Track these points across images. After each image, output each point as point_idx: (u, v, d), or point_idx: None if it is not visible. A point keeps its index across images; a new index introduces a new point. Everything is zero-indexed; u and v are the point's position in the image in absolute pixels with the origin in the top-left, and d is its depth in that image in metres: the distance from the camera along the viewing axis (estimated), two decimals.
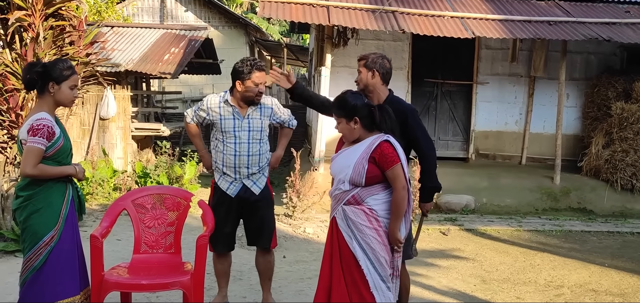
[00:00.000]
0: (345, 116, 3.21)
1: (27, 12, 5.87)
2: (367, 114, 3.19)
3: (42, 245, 3.20)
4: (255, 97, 3.88)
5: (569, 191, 9.16)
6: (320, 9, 8.77)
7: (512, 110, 10.51)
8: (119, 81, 10.68)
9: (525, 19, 9.25)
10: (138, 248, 3.85)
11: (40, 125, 3.08)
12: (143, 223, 3.88)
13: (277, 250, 6.20)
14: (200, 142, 4.12)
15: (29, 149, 3.08)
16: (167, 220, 3.92)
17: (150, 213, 3.91)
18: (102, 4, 13.99)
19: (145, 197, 3.92)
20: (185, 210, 3.95)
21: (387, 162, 3.11)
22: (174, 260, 3.84)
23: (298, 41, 25.89)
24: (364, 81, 3.73)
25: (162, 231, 3.90)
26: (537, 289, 5.23)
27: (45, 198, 3.22)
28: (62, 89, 3.18)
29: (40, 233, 3.19)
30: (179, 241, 3.93)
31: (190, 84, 16.84)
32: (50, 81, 3.16)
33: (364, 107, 3.20)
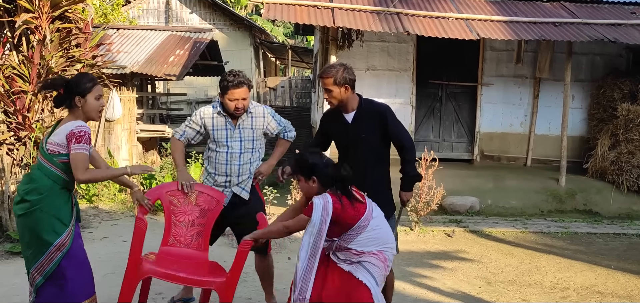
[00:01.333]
0: (304, 174, 3.31)
1: (34, 14, 5.91)
2: (325, 174, 3.27)
3: (52, 250, 3.25)
4: (234, 112, 3.92)
5: (574, 193, 9.13)
6: (325, 11, 8.78)
7: (517, 112, 10.49)
8: (124, 82, 10.72)
9: (531, 21, 9.23)
10: (166, 240, 3.86)
11: (82, 132, 3.22)
12: (174, 216, 3.88)
13: (282, 252, 6.23)
14: (181, 159, 4.06)
15: (77, 156, 3.19)
16: (197, 217, 3.91)
17: (182, 207, 3.91)
18: (108, 7, 14.05)
19: (179, 191, 3.91)
20: (217, 210, 3.96)
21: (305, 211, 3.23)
22: (201, 257, 3.86)
23: (302, 42, 25.91)
24: (338, 98, 3.77)
25: (192, 227, 3.90)
26: (542, 291, 5.22)
27: (53, 203, 3.26)
28: (88, 100, 3.30)
29: (50, 240, 3.24)
30: (207, 240, 3.94)
31: (195, 86, 16.88)
32: (76, 96, 3.29)
33: (323, 167, 3.29)
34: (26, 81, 5.99)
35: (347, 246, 3.28)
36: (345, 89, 3.74)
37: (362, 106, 3.85)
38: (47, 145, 3.29)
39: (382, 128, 3.84)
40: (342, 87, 3.73)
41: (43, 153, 3.31)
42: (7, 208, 5.94)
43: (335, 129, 3.95)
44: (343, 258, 3.30)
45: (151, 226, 4.10)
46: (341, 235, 3.28)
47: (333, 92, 3.75)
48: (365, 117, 3.82)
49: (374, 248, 3.27)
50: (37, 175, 3.30)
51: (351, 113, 3.85)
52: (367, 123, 3.80)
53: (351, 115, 3.85)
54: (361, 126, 3.81)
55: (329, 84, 3.74)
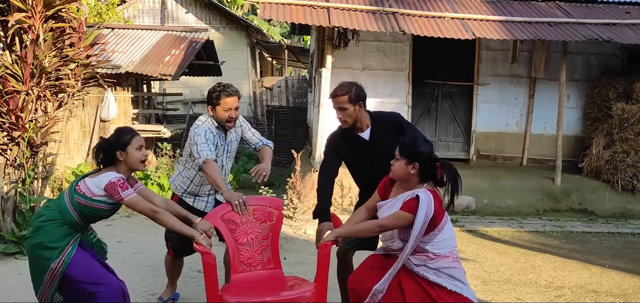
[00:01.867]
0: (407, 156, 3.10)
1: (27, 14, 5.86)
2: (429, 166, 3.11)
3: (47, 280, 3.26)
4: (226, 124, 3.89)
5: (569, 192, 9.14)
6: (320, 11, 8.77)
7: (513, 111, 10.50)
8: (119, 82, 10.69)
9: (526, 20, 9.25)
10: (235, 269, 3.58)
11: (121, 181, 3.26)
12: (236, 240, 3.63)
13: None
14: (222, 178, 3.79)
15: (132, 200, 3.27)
16: (260, 233, 3.67)
17: (242, 228, 3.65)
18: (102, 6, 14.00)
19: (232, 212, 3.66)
20: (279, 220, 3.73)
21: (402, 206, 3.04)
22: (277, 275, 3.61)
23: (299, 42, 25.89)
24: (353, 117, 3.63)
25: (258, 246, 3.65)
26: (537, 290, 5.22)
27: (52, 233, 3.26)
28: (129, 152, 3.35)
29: (44, 266, 3.26)
30: (277, 254, 3.70)
31: (191, 86, 16.83)
32: (117, 150, 3.35)
33: (429, 159, 3.11)
34: (19, 81, 5.95)
35: (424, 247, 3.08)
36: (359, 106, 3.62)
37: (377, 121, 3.73)
38: (79, 182, 3.33)
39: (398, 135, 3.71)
40: (357, 104, 3.60)
41: (70, 187, 3.35)
42: (0, 209, 5.90)
43: (351, 151, 3.74)
44: (417, 262, 3.08)
45: (138, 223, 4.06)
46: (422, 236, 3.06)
47: (348, 110, 3.60)
48: (382, 131, 3.69)
49: (446, 250, 3.11)
50: (52, 203, 3.37)
51: (366, 130, 3.71)
52: (385, 136, 3.66)
53: (367, 132, 3.71)
54: (381, 140, 3.66)
55: (344, 102, 3.59)
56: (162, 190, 8.29)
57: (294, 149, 9.05)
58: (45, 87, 6.20)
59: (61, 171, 8.81)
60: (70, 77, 6.45)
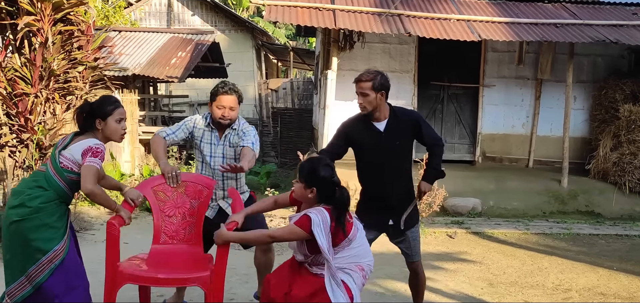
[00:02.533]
0: (304, 181, 3.12)
1: (36, 17, 5.92)
2: (328, 189, 3.09)
3: (45, 261, 3.17)
4: (219, 120, 3.83)
5: (576, 194, 9.11)
6: (326, 13, 8.79)
7: (519, 113, 10.48)
8: (126, 85, 10.74)
9: (532, 22, 9.23)
10: (157, 239, 3.67)
11: (99, 149, 3.24)
12: (163, 212, 3.69)
13: (283, 253, 6.22)
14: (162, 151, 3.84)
15: (89, 167, 3.20)
16: (188, 209, 3.73)
17: (171, 201, 3.72)
18: (110, 9, 14.08)
19: (166, 185, 3.74)
20: (207, 198, 3.79)
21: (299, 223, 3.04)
22: (196, 251, 3.66)
23: (304, 44, 25.92)
24: (374, 103, 3.64)
25: (184, 221, 3.72)
26: (544, 293, 5.21)
27: (52, 213, 3.22)
28: (108, 123, 3.32)
29: (45, 247, 3.17)
30: (200, 231, 3.75)
31: (197, 88, 16.89)
32: (97, 118, 3.31)
33: (328, 185, 3.09)
34: (28, 84, 6.00)
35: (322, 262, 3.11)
36: (381, 95, 3.64)
37: (396, 115, 3.74)
38: (60, 158, 3.26)
39: (415, 136, 3.80)
40: (379, 93, 3.62)
41: (54, 165, 3.27)
42: None
43: (365, 139, 3.76)
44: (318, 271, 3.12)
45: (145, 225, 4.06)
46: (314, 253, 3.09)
47: (369, 96, 3.62)
48: (398, 126, 3.71)
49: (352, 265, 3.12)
50: (43, 183, 3.24)
51: (383, 122, 3.72)
52: (400, 132, 3.70)
53: (383, 124, 3.72)
54: (395, 135, 3.69)
55: (367, 88, 3.61)
56: None
57: (299, 151, 9.08)
58: (54, 90, 6.25)
59: None
60: (79, 79, 6.51)
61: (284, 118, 15.71)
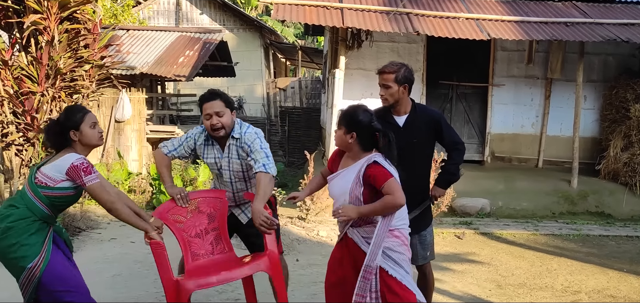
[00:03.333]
0: (344, 125, 3.10)
1: (43, 15, 5.94)
2: (368, 134, 3.07)
3: (24, 280, 3.12)
4: (211, 131, 3.58)
5: (586, 195, 9.01)
6: (334, 11, 8.75)
7: (529, 112, 10.38)
8: (134, 83, 10.76)
9: (542, 21, 9.13)
10: (188, 260, 3.57)
11: (85, 163, 3.12)
12: (185, 233, 3.62)
13: (290, 253, 6.19)
14: (168, 174, 3.71)
15: (94, 186, 3.12)
16: (208, 223, 3.67)
17: (189, 221, 3.66)
18: (118, 8, 14.13)
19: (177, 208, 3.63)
20: (224, 206, 3.70)
21: (379, 180, 2.99)
22: (232, 257, 3.61)
23: (312, 43, 25.90)
24: (396, 96, 3.57)
25: (207, 235, 3.66)
26: (554, 294, 5.14)
27: (24, 231, 3.12)
28: (83, 131, 3.19)
29: (20, 266, 3.10)
30: (227, 240, 3.69)
31: (205, 87, 16.71)
32: (70, 130, 3.18)
33: (367, 127, 3.07)
34: (35, 82, 6.02)
35: (371, 218, 3.05)
36: (403, 88, 3.56)
37: (416, 111, 3.66)
38: (36, 174, 3.16)
39: (435, 135, 3.71)
40: (402, 86, 3.55)
41: (30, 182, 3.17)
42: None
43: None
44: (364, 235, 3.07)
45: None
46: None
47: (391, 89, 3.55)
48: (418, 122, 3.63)
49: (395, 223, 3.05)
50: (16, 202, 3.17)
51: (403, 116, 3.64)
52: (420, 128, 3.60)
53: (403, 118, 3.64)
54: (414, 131, 3.60)
55: (389, 80, 3.55)
56: None
57: (307, 151, 9.04)
58: (60, 89, 6.26)
59: None
60: (85, 78, 6.52)
61: (292, 117, 15.70)
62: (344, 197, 3.09)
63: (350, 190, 3.05)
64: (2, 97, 5.95)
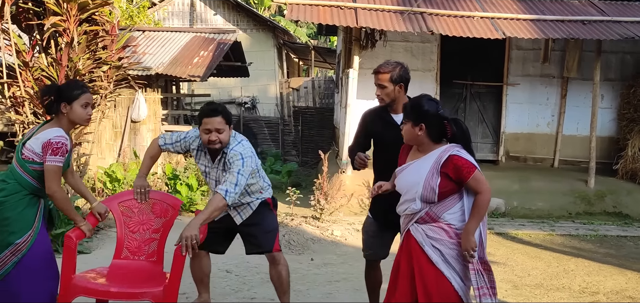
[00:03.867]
0: (412, 118, 3.02)
1: (62, 17, 6.03)
2: (437, 124, 3.00)
3: (7, 254, 3.15)
4: (208, 145, 3.56)
5: (604, 195, 8.92)
6: (348, 11, 8.76)
7: (544, 112, 10.30)
8: (149, 84, 10.86)
9: (558, 19, 9.06)
10: (119, 253, 3.68)
11: (59, 144, 3.16)
12: (127, 228, 3.71)
13: (304, 253, 6.22)
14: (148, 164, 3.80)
15: (50, 168, 3.14)
16: (152, 226, 3.73)
17: (137, 217, 3.73)
18: (134, 9, 14.27)
19: (133, 201, 3.74)
20: (173, 218, 3.77)
21: (464, 174, 2.92)
22: (155, 269, 3.65)
23: (325, 43, 25.91)
24: (392, 96, 3.59)
25: (147, 237, 3.71)
26: (571, 295, 5.10)
27: (15, 206, 3.17)
28: (73, 108, 3.23)
29: (6, 241, 3.14)
30: (162, 249, 3.72)
31: (219, 87, 17.01)
32: (62, 102, 3.23)
33: (436, 117, 3.00)
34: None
35: (438, 216, 2.98)
36: (399, 87, 3.58)
37: None
38: (23, 149, 3.20)
39: None
40: (397, 85, 3.57)
41: (17, 156, 3.22)
42: None
43: (381, 129, 3.70)
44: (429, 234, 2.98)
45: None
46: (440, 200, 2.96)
47: (386, 88, 3.57)
48: None
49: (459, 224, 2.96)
50: (6, 177, 3.22)
51: (401, 114, 3.58)
52: None
53: (400, 116, 3.55)
54: None
55: (384, 80, 3.57)
56: (191, 190, 8.38)
57: (320, 150, 9.06)
58: None
59: (94, 171, 9.00)
60: (103, 79, 6.60)
61: (305, 117, 15.73)
62: (416, 188, 3.00)
63: (425, 181, 2.96)
64: (23, 98, 6.06)
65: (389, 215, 3.52)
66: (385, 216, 3.63)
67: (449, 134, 3.01)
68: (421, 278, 2.96)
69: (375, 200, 3.77)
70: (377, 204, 3.76)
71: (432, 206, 2.98)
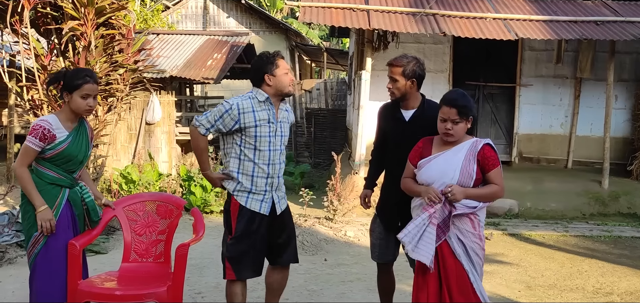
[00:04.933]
0: (467, 116, 3.08)
1: (80, 21, 6.13)
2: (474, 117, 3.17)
3: (29, 247, 3.26)
4: (289, 89, 3.47)
5: (618, 196, 8.87)
6: (360, 13, 8.80)
7: (557, 112, 10.26)
8: (164, 86, 10.99)
9: (571, 19, 9.03)
10: (127, 257, 3.73)
11: (36, 126, 3.18)
12: (134, 231, 3.76)
13: (318, 253, 6.27)
14: (208, 159, 3.54)
15: (23, 147, 3.22)
16: (158, 228, 3.79)
17: (142, 220, 3.78)
18: (148, 13, 14.43)
19: (138, 204, 3.80)
20: (177, 218, 3.81)
21: (489, 164, 3.07)
22: (163, 270, 3.70)
23: (337, 44, 25.96)
24: (402, 90, 3.53)
25: (153, 239, 3.77)
26: (585, 296, 5.10)
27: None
28: (73, 98, 3.24)
29: (31, 232, 3.25)
30: (169, 250, 3.77)
31: (232, 89, 17.13)
32: (65, 90, 3.26)
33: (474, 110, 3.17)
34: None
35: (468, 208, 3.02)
36: (411, 82, 3.52)
37: (424, 107, 3.58)
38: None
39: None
40: (409, 80, 3.51)
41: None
42: None
43: (390, 124, 3.67)
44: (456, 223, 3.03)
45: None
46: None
47: (398, 82, 3.52)
48: (424, 118, 3.52)
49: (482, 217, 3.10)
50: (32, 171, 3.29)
51: (410, 111, 3.59)
52: (425, 124, 3.44)
53: (410, 113, 3.59)
54: (418, 126, 3.50)
55: (397, 73, 3.52)
56: (205, 192, 8.47)
57: (333, 152, 9.11)
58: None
59: (109, 173, 9.12)
60: (119, 81, 6.70)
61: (318, 119, 15.79)
62: (452, 174, 3.03)
63: (463, 166, 3.03)
64: (42, 100, 6.18)
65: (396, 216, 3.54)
66: (392, 216, 3.62)
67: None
68: (445, 271, 3.04)
69: (382, 199, 3.77)
70: (383, 203, 3.74)
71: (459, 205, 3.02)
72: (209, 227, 5.41)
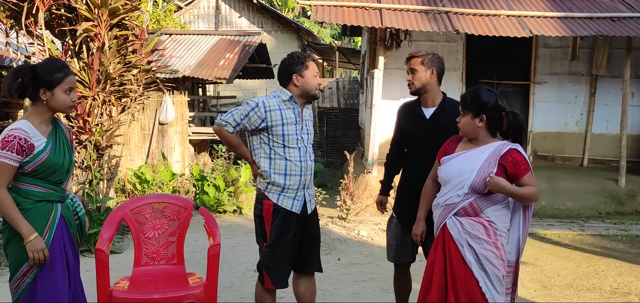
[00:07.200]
0: (472, 110, 2.95)
1: (94, 23, 6.18)
2: (496, 115, 2.97)
3: (19, 276, 2.72)
4: (316, 92, 3.43)
5: (635, 194, 8.74)
6: (372, 12, 8.77)
7: (573, 110, 10.14)
8: (176, 86, 11.04)
9: (587, 16, 8.92)
10: (139, 261, 3.67)
11: (10, 137, 2.62)
12: (143, 234, 3.71)
13: (331, 253, 6.26)
14: (246, 150, 3.44)
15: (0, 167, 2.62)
16: (167, 230, 3.75)
17: (150, 222, 3.73)
18: (161, 13, 14.51)
19: (144, 206, 3.74)
20: (187, 219, 3.79)
21: (520, 170, 2.93)
22: (178, 271, 3.68)
23: (349, 43, 25.91)
24: (423, 81, 3.43)
25: (163, 241, 3.72)
26: (602, 296, 5.03)
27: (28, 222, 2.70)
28: (55, 94, 2.70)
29: (17, 262, 2.72)
30: (181, 251, 3.76)
31: (244, 89, 17.18)
32: (41, 87, 2.70)
33: (495, 108, 2.96)
34: (86, 87, 6.27)
35: (481, 210, 2.93)
36: (431, 72, 3.43)
37: (445, 104, 3.50)
38: None
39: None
40: (429, 69, 3.42)
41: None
42: None
43: (410, 123, 3.57)
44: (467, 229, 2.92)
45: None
46: (489, 194, 2.92)
47: (418, 72, 3.43)
48: (445, 115, 3.43)
49: (500, 225, 2.93)
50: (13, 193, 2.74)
51: (431, 108, 3.50)
52: (447, 122, 3.33)
53: (431, 110, 3.50)
54: (440, 123, 3.42)
55: (416, 63, 3.44)
56: (218, 191, 8.49)
57: (346, 151, 9.09)
58: (110, 93, 6.51)
59: (123, 173, 9.19)
60: (133, 82, 6.75)
61: (330, 118, 15.77)
62: (468, 175, 2.93)
63: (481, 168, 2.91)
64: None
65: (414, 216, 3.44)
66: (410, 216, 3.50)
67: (504, 126, 3.00)
68: (452, 275, 2.96)
69: (399, 199, 3.71)
70: (401, 203, 3.67)
71: (478, 197, 2.93)
72: (222, 227, 5.42)
